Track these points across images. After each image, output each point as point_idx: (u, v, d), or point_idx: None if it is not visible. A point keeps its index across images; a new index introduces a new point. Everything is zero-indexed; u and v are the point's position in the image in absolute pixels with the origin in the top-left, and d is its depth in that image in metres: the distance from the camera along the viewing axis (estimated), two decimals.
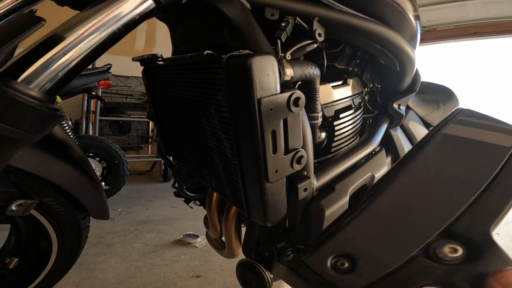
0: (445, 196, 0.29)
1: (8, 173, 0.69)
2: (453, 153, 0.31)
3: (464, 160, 0.31)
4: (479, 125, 0.34)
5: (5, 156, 0.33)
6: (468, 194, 0.28)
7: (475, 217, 0.27)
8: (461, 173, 0.30)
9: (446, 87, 1.19)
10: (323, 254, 0.27)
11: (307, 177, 0.47)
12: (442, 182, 0.30)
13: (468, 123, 0.34)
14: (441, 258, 0.25)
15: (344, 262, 0.26)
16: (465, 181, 0.29)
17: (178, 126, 0.64)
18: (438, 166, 0.31)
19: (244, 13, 0.44)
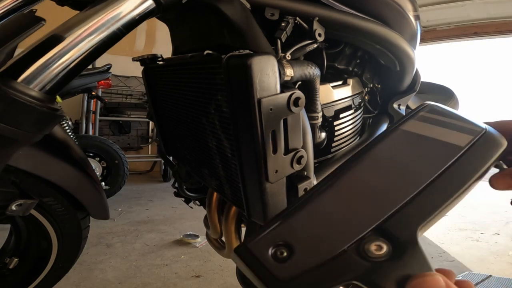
0: (384, 193, 0.29)
1: (8, 173, 0.69)
2: (405, 150, 0.32)
3: (413, 157, 0.31)
4: (440, 122, 0.34)
5: (5, 156, 0.33)
6: (407, 192, 0.29)
7: (406, 216, 0.27)
8: (406, 170, 0.30)
9: (446, 87, 1.18)
10: (266, 242, 0.27)
11: (307, 177, 0.47)
12: (386, 178, 0.30)
13: (429, 119, 0.34)
14: (368, 255, 0.25)
15: (283, 251, 0.26)
16: (407, 178, 0.30)
17: (178, 126, 0.64)
18: (386, 162, 0.32)
19: (244, 13, 0.44)
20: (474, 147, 0.32)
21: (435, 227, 2.30)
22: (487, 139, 0.33)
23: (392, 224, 0.27)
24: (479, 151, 0.32)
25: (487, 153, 0.32)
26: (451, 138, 0.32)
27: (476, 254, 1.84)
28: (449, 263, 1.70)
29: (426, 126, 0.33)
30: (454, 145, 0.32)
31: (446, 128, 0.33)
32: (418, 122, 0.34)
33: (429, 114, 0.35)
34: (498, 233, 2.15)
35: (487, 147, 0.32)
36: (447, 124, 0.34)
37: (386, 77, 0.71)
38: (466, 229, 2.25)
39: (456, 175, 0.30)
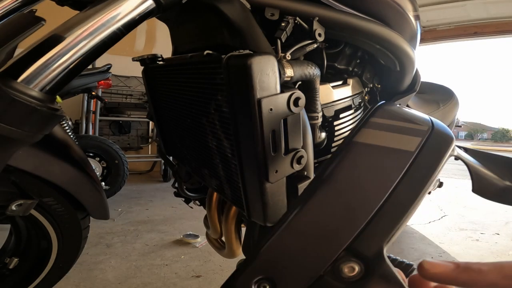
0: (348, 213, 0.29)
1: (8, 173, 0.69)
2: (361, 163, 0.32)
3: (370, 170, 0.31)
4: (389, 127, 0.34)
5: (5, 156, 0.33)
6: (368, 208, 0.29)
7: (371, 233, 0.28)
8: (365, 185, 0.30)
9: (446, 87, 1.18)
10: (248, 277, 0.28)
11: (307, 177, 0.47)
12: (348, 196, 0.30)
13: (379, 125, 0.34)
14: (342, 276, 0.26)
15: (266, 285, 0.27)
16: (367, 194, 0.30)
17: (178, 126, 0.64)
18: (346, 179, 0.32)
19: (244, 13, 0.44)
20: (424, 149, 0.32)
21: (435, 227, 2.30)
22: (435, 138, 0.33)
23: (360, 243, 0.27)
24: (430, 152, 0.32)
25: (438, 152, 0.32)
26: (400, 143, 0.32)
27: (476, 254, 1.84)
28: None
29: (377, 134, 0.33)
30: (404, 152, 0.32)
31: (395, 132, 0.33)
32: (368, 130, 0.34)
33: (378, 119, 0.35)
34: (498, 233, 2.15)
35: (436, 146, 0.33)
36: (395, 128, 0.34)
37: (386, 77, 0.71)
38: (466, 229, 2.25)
39: (412, 182, 0.30)
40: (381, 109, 0.36)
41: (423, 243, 1.92)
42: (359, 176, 0.31)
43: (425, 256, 1.74)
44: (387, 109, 0.37)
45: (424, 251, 1.81)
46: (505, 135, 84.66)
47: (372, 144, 0.33)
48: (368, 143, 0.33)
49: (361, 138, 0.33)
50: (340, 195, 0.30)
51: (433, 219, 2.43)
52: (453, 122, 1.12)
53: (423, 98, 1.02)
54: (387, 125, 0.34)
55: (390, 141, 0.33)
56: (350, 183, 0.31)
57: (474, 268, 0.23)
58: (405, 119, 0.35)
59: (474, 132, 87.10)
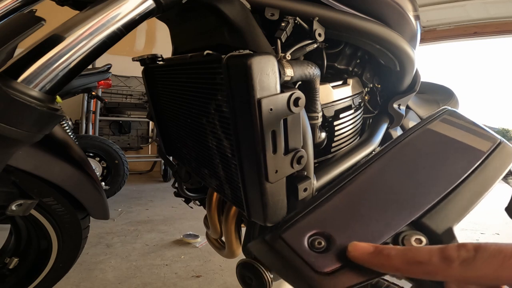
0: (419, 188, 0.30)
1: (8, 173, 0.69)
2: (433, 148, 0.33)
3: (442, 156, 0.33)
4: (462, 126, 0.36)
5: (5, 156, 0.33)
6: (440, 189, 0.30)
7: (442, 212, 0.28)
8: (437, 169, 0.32)
9: (446, 87, 1.18)
10: (301, 231, 0.27)
11: (307, 177, 0.47)
12: (418, 174, 0.31)
13: (452, 122, 0.36)
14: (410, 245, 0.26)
15: (321, 241, 0.26)
16: (439, 176, 0.31)
17: (178, 126, 0.64)
18: (417, 159, 0.33)
19: (244, 13, 0.44)
20: (495, 153, 0.34)
21: None
22: (503, 148, 0.35)
23: (428, 219, 0.28)
24: (499, 158, 0.34)
25: (506, 160, 0.34)
26: (473, 142, 0.34)
27: None
28: None
29: (451, 128, 0.35)
30: (477, 150, 0.33)
31: (467, 132, 0.35)
32: (442, 123, 0.36)
33: (451, 117, 0.37)
34: (498, 233, 2.15)
35: (505, 155, 0.34)
36: (468, 128, 0.36)
37: (386, 77, 0.71)
38: (466, 229, 2.25)
39: (482, 178, 0.32)
40: (453, 111, 0.38)
41: None
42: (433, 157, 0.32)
43: None
44: (458, 113, 0.39)
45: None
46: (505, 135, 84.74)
47: (447, 136, 0.34)
48: (443, 134, 0.34)
49: (436, 128, 0.35)
50: (414, 171, 0.31)
51: None
52: None
53: (423, 98, 1.02)
54: (462, 125, 0.36)
55: (464, 138, 0.34)
56: (423, 162, 0.32)
57: (384, 253, 0.24)
58: (475, 124, 0.37)
59: None
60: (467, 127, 0.36)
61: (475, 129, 0.36)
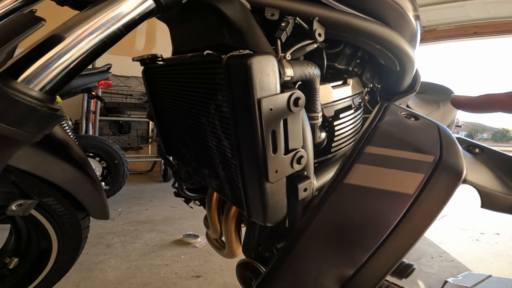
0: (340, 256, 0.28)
1: (8, 173, 0.69)
2: (351, 209, 0.30)
3: (363, 215, 0.29)
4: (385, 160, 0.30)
5: (5, 156, 0.33)
6: (361, 255, 0.28)
7: (362, 279, 0.27)
8: (355, 234, 0.29)
9: (446, 87, 1.18)
10: None
11: (307, 177, 0.47)
12: (340, 241, 0.29)
13: (374, 159, 0.30)
14: None
15: None
16: (358, 242, 0.28)
17: (178, 126, 0.64)
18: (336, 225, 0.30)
19: (244, 13, 0.45)
20: (426, 190, 0.28)
21: (435, 227, 2.30)
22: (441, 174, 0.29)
23: None
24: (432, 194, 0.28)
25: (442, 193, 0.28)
26: (399, 183, 0.29)
27: (476, 254, 1.84)
28: (449, 263, 1.70)
29: (370, 172, 0.30)
30: (401, 195, 0.28)
31: (393, 168, 0.30)
32: (362, 166, 0.31)
33: (373, 148, 0.31)
34: (498, 233, 2.15)
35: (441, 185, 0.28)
36: (393, 161, 0.30)
37: (386, 77, 0.71)
38: (466, 229, 2.25)
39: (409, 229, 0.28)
40: (378, 133, 0.32)
41: (423, 243, 1.93)
42: (351, 222, 0.29)
43: (425, 256, 1.75)
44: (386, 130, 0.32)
45: (424, 251, 1.81)
46: (505, 135, 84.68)
47: (364, 187, 0.29)
48: (360, 185, 0.30)
49: (353, 179, 0.30)
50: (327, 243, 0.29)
51: None
52: (453, 122, 1.12)
53: (423, 98, 1.02)
54: (384, 158, 0.30)
55: (385, 181, 0.29)
56: (341, 230, 0.29)
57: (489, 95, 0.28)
58: (407, 146, 0.30)
59: (474, 132, 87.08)
60: (394, 157, 0.30)
61: (405, 157, 0.29)
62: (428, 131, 0.33)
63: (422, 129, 0.33)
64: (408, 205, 0.28)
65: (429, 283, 1.46)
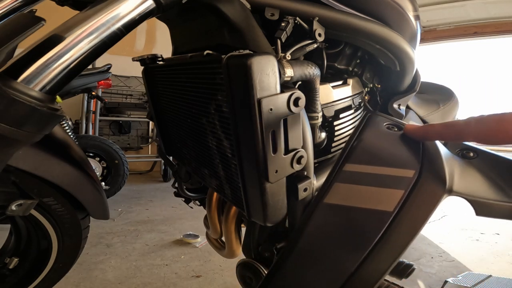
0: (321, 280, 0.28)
1: (8, 173, 0.69)
2: (334, 227, 0.29)
3: (343, 234, 0.29)
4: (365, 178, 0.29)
5: (5, 156, 0.33)
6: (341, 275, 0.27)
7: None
8: (334, 254, 0.28)
9: (446, 87, 1.18)
10: None
11: (307, 177, 0.47)
12: (322, 261, 0.29)
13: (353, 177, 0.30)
14: None
15: None
16: (338, 262, 0.28)
17: (178, 126, 0.64)
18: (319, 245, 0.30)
19: (244, 13, 0.45)
20: (406, 206, 0.27)
21: (435, 227, 2.30)
22: (422, 188, 0.28)
23: None
24: (412, 210, 0.27)
25: (423, 209, 0.27)
26: (378, 201, 0.28)
27: (476, 254, 1.84)
28: (449, 263, 1.70)
29: (350, 190, 0.30)
30: (381, 213, 0.28)
31: (372, 185, 0.29)
32: (342, 185, 0.30)
33: (352, 166, 0.31)
34: (498, 233, 2.15)
35: (422, 200, 0.28)
36: (372, 178, 0.29)
37: (386, 77, 0.71)
38: (466, 229, 2.25)
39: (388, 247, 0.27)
40: (359, 147, 0.31)
41: (423, 243, 1.92)
42: (332, 241, 0.29)
43: (425, 256, 1.75)
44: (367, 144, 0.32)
45: (424, 251, 1.81)
46: None
47: (344, 206, 0.29)
48: (339, 204, 0.29)
49: (332, 199, 0.30)
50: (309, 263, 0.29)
51: (433, 219, 2.42)
52: None
53: (423, 98, 1.02)
54: (363, 175, 0.30)
55: (365, 199, 0.29)
56: (323, 249, 0.29)
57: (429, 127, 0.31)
58: (387, 161, 0.30)
59: None
60: (373, 174, 0.29)
61: (383, 173, 0.29)
62: (410, 142, 0.32)
63: (403, 141, 0.32)
64: (388, 222, 0.27)
65: (429, 283, 1.46)
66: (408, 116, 0.86)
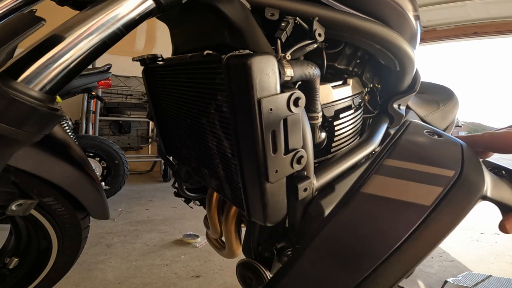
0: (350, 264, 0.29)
1: (8, 173, 0.69)
2: (366, 217, 0.30)
3: (375, 224, 0.29)
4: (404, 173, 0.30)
5: (5, 156, 0.33)
6: (371, 263, 0.28)
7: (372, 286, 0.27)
8: (368, 240, 0.29)
9: (446, 87, 1.18)
10: None
11: (307, 177, 0.47)
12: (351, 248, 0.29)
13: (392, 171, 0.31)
14: None
15: None
16: (371, 248, 0.29)
17: (178, 126, 0.64)
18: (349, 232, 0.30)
19: (244, 13, 0.45)
20: (443, 203, 0.28)
21: None
22: (460, 188, 0.28)
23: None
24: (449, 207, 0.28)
25: (459, 207, 0.28)
26: (415, 195, 0.29)
27: (476, 254, 1.84)
28: (449, 263, 1.70)
29: (389, 183, 0.30)
30: (418, 206, 0.28)
31: (411, 180, 0.30)
32: (380, 178, 0.31)
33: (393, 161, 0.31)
34: (498, 233, 2.15)
35: (459, 199, 0.28)
36: (412, 174, 0.30)
37: (386, 77, 0.71)
38: (466, 229, 2.25)
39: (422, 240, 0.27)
40: (398, 147, 0.33)
41: None
42: (364, 229, 0.29)
43: None
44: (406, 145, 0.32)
45: None
46: None
47: (381, 196, 0.30)
48: (377, 195, 0.30)
49: (369, 189, 0.31)
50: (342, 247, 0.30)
51: None
52: (453, 122, 1.12)
53: (423, 98, 1.02)
54: (402, 170, 0.30)
55: (403, 192, 0.29)
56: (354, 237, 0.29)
57: None
58: (428, 160, 0.31)
59: (474, 132, 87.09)
60: (413, 170, 0.30)
61: (424, 171, 0.29)
62: (450, 148, 0.33)
63: (444, 145, 0.33)
64: (424, 216, 0.28)
65: (429, 283, 1.46)
66: (408, 116, 0.86)
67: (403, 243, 0.28)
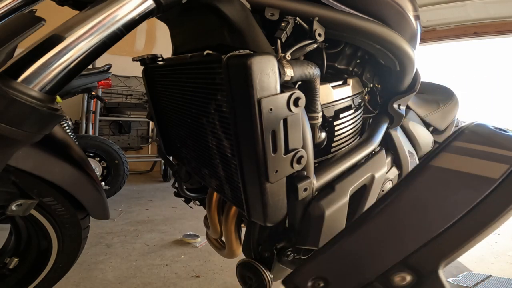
0: (413, 229, 0.31)
1: (8, 173, 0.69)
2: (435, 187, 0.32)
3: (444, 194, 0.31)
4: (473, 152, 0.33)
5: (5, 156, 0.33)
6: (432, 229, 0.30)
7: (431, 251, 0.29)
8: (435, 208, 0.31)
9: (446, 87, 1.18)
10: (306, 274, 0.32)
11: (307, 177, 0.47)
12: (415, 215, 0.31)
13: (461, 150, 0.33)
14: (392, 285, 0.28)
15: (320, 283, 0.31)
16: (436, 215, 0.31)
17: (178, 126, 0.64)
18: (417, 200, 0.32)
19: (244, 13, 0.45)
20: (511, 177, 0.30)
21: None
22: None
23: (417, 258, 0.29)
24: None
25: None
26: (484, 169, 0.31)
27: (476, 254, 1.84)
28: None
29: (458, 159, 0.33)
30: (486, 178, 0.31)
31: (479, 158, 0.32)
32: (449, 155, 0.33)
33: (461, 143, 0.34)
34: (498, 233, 2.15)
35: None
36: (481, 153, 0.33)
37: (386, 77, 0.71)
38: None
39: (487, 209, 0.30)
40: (466, 133, 0.35)
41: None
42: (433, 197, 0.31)
43: None
44: (475, 132, 0.35)
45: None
46: None
47: (448, 169, 0.32)
48: (444, 167, 0.32)
49: (438, 162, 0.33)
50: (405, 213, 0.31)
51: None
52: (453, 122, 1.12)
53: (423, 98, 1.02)
54: (471, 150, 0.33)
55: (471, 166, 0.32)
56: (417, 204, 0.31)
57: None
58: (494, 144, 0.33)
59: None
60: (481, 150, 0.32)
61: (491, 151, 0.32)
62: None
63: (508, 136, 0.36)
64: (491, 188, 0.30)
65: None
66: (408, 116, 0.86)
67: (468, 213, 0.30)
